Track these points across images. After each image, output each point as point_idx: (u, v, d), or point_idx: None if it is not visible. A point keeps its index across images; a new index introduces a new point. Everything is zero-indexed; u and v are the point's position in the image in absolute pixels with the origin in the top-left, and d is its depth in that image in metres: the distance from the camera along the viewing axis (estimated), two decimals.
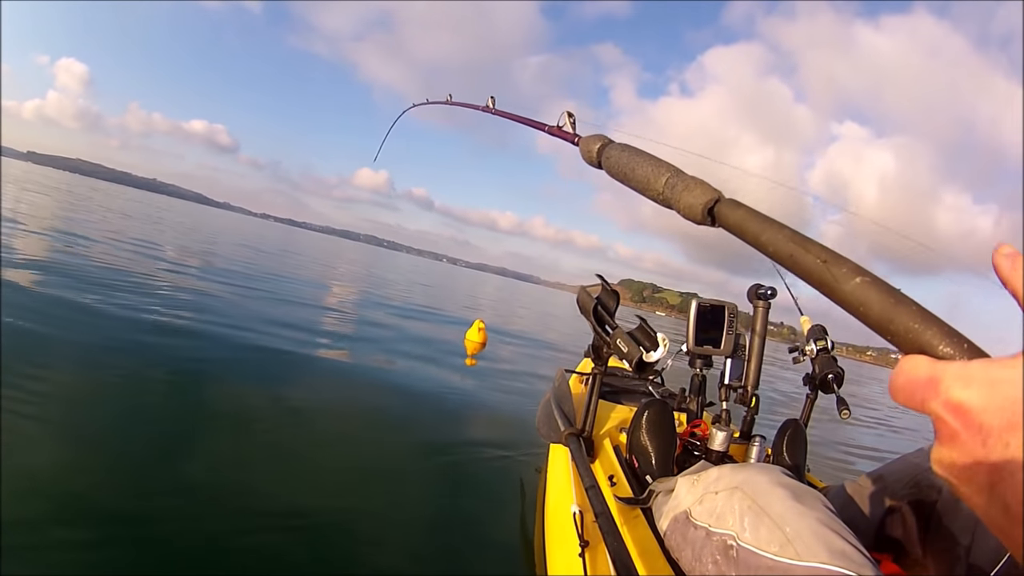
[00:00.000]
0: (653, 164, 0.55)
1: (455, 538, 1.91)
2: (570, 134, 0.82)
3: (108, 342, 3.05)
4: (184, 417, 2.38)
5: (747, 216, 0.42)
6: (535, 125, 1.01)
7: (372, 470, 2.28)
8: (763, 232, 0.39)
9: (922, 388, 0.27)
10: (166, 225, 15.32)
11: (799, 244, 0.36)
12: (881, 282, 0.32)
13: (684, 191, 0.49)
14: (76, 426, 2.05)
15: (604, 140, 0.66)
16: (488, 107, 1.34)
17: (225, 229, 22.17)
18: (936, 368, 0.27)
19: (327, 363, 3.96)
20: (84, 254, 5.76)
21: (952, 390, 0.26)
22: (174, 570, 1.44)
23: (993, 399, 0.24)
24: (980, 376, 0.25)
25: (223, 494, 1.84)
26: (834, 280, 0.33)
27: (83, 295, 3.88)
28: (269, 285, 7.32)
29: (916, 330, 0.29)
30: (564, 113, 0.85)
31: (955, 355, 0.28)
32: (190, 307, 4.47)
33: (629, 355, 1.22)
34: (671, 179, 0.52)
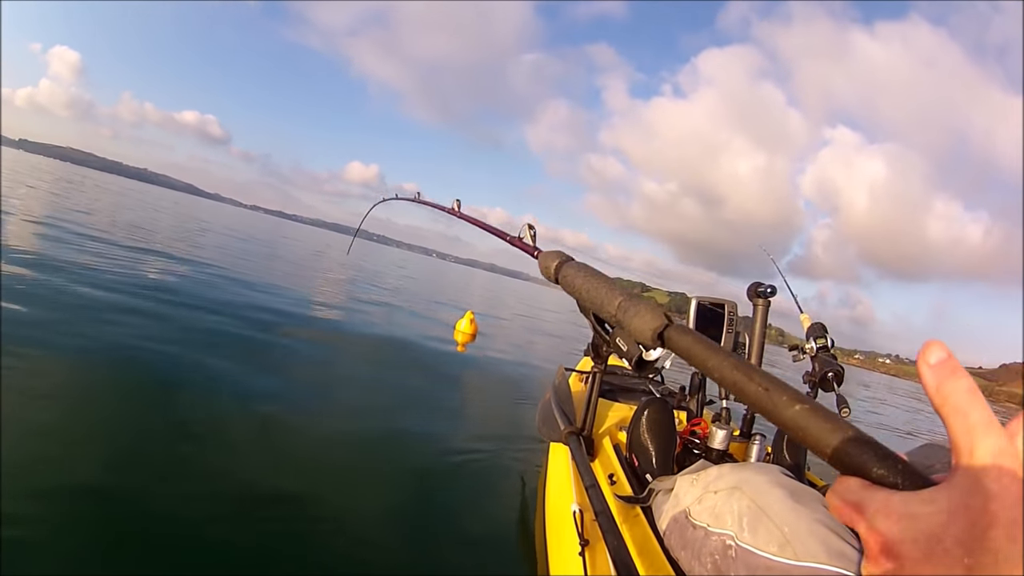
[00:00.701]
0: (607, 287, 0.59)
1: (455, 537, 1.92)
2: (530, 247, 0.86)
3: (89, 336, 3.05)
4: (168, 417, 2.34)
5: (693, 343, 0.44)
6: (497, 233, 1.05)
7: (368, 469, 2.28)
8: (709, 359, 0.42)
9: (850, 511, 0.30)
10: (163, 216, 15.33)
11: (743, 372, 0.38)
12: (819, 409, 0.34)
13: (635, 316, 0.52)
14: (46, 423, 2.04)
15: (562, 258, 0.70)
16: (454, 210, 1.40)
17: (219, 221, 22.18)
18: (864, 495, 0.29)
19: (318, 357, 3.93)
20: (75, 244, 5.75)
21: (875, 520, 0.28)
22: (165, 570, 1.44)
23: (909, 532, 0.26)
24: (900, 510, 0.27)
25: (220, 493, 1.84)
26: (775, 407, 0.35)
27: (63, 282, 3.88)
28: (255, 274, 7.31)
29: (851, 454, 0.31)
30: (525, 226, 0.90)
31: (887, 477, 0.29)
32: (175, 298, 4.43)
33: (629, 354, 1.22)
34: (623, 303, 0.55)
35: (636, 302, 0.54)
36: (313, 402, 2.99)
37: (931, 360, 0.29)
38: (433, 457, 2.51)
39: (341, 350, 4.28)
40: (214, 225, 18.25)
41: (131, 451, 1.97)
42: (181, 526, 1.60)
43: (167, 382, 2.69)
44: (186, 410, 2.42)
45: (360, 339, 4.94)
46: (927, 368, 0.29)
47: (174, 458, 1.98)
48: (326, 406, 2.98)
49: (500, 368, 5.12)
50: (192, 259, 7.19)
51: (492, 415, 3.48)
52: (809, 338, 1.77)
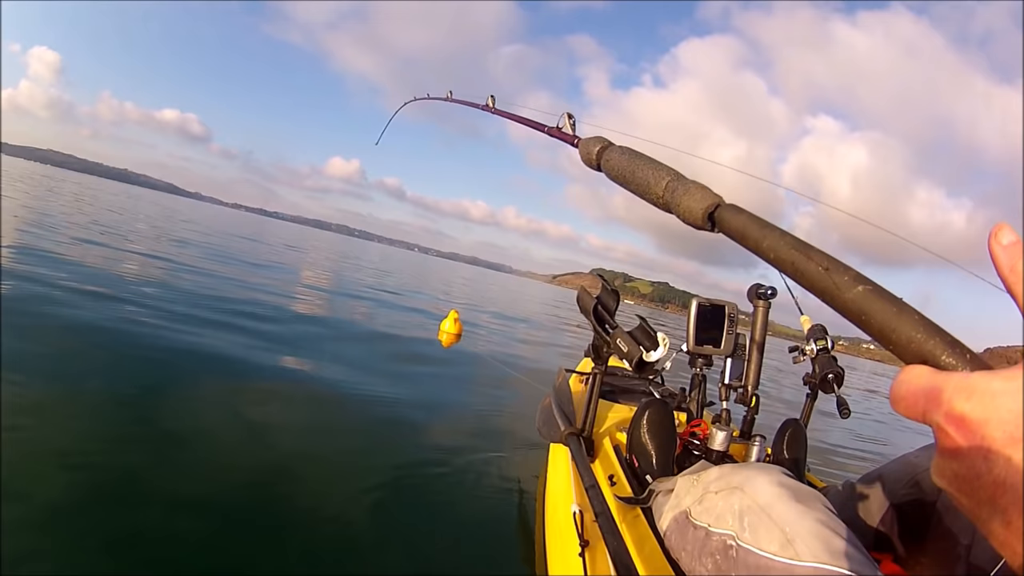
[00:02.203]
0: (653, 168, 0.55)
1: (455, 538, 1.91)
2: (569, 135, 0.81)
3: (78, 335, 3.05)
4: (149, 424, 2.29)
5: (748, 222, 0.41)
6: (534, 125, 1.01)
7: (365, 471, 2.26)
8: (764, 238, 0.39)
9: (924, 399, 0.27)
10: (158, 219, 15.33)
11: (801, 251, 0.36)
12: (883, 291, 0.32)
13: (684, 195, 0.48)
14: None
15: (604, 143, 0.66)
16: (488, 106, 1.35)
17: (201, 219, 22.17)
18: (938, 379, 0.27)
19: (302, 362, 3.86)
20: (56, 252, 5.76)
21: (954, 402, 0.25)
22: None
23: (996, 412, 0.24)
24: (982, 388, 0.25)
25: (213, 495, 1.84)
26: (836, 288, 0.33)
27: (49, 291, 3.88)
28: (238, 273, 7.27)
29: (918, 340, 0.29)
30: (564, 115, 0.84)
31: (957, 366, 0.27)
32: (152, 299, 4.43)
33: (629, 355, 1.22)
34: (671, 183, 0.51)
35: (685, 182, 0.50)
36: (304, 404, 2.97)
37: (1003, 240, 0.27)
38: (431, 458, 2.51)
39: (324, 352, 4.21)
40: (196, 226, 18.22)
41: (119, 450, 1.96)
42: (175, 527, 1.60)
43: (151, 382, 2.66)
44: (171, 413, 2.40)
45: (344, 341, 4.83)
46: (1000, 248, 0.27)
47: (162, 460, 1.97)
48: (316, 408, 2.95)
49: (488, 367, 5.08)
50: (171, 258, 7.19)
51: (489, 415, 3.47)
52: (809, 339, 1.77)
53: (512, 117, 1.20)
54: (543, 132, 0.93)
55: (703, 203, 0.46)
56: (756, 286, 1.74)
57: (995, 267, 0.27)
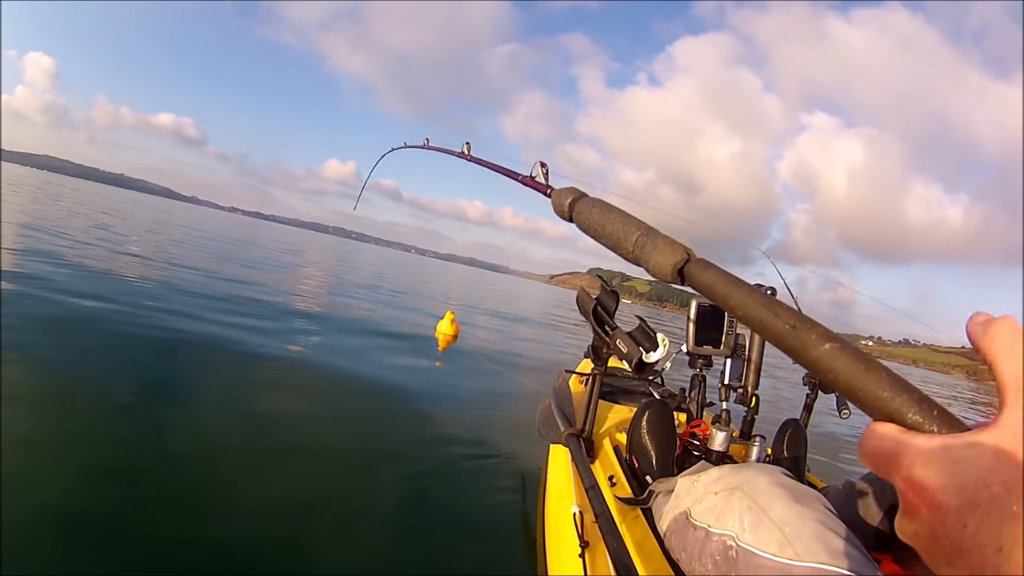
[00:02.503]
0: (624, 222, 0.56)
1: (455, 538, 1.91)
2: (543, 185, 0.83)
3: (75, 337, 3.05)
4: (146, 416, 2.32)
5: (716, 278, 0.42)
6: (509, 174, 1.02)
7: (365, 472, 2.27)
8: (731, 295, 0.40)
9: (886, 460, 0.28)
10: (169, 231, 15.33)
11: (768, 309, 0.36)
12: (851, 348, 0.32)
13: (654, 251, 0.49)
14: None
15: (576, 194, 0.67)
16: (464, 153, 1.38)
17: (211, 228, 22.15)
18: (900, 441, 0.27)
19: (301, 364, 3.87)
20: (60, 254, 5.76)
21: (913, 467, 0.26)
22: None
23: (953, 478, 0.24)
24: (942, 455, 0.25)
25: (216, 497, 1.84)
26: (803, 347, 0.33)
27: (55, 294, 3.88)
28: (235, 276, 7.25)
29: (885, 398, 0.29)
30: (537, 164, 0.86)
31: (924, 424, 0.28)
32: (151, 299, 4.44)
33: (629, 355, 1.22)
34: (641, 238, 0.52)
35: (654, 237, 0.51)
36: (301, 407, 2.96)
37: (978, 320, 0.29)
38: (431, 459, 2.51)
39: (321, 354, 4.22)
40: (202, 232, 18.21)
41: (117, 456, 1.95)
42: (179, 526, 1.60)
43: (153, 386, 2.67)
44: (175, 417, 2.41)
45: (340, 342, 4.84)
46: (974, 325, 0.29)
47: (166, 465, 1.97)
48: (314, 411, 2.94)
49: (486, 368, 5.08)
50: (169, 263, 7.19)
51: (488, 416, 3.47)
52: None
53: (487, 165, 1.22)
54: (517, 181, 0.94)
55: (672, 259, 0.47)
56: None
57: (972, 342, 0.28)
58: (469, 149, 1.35)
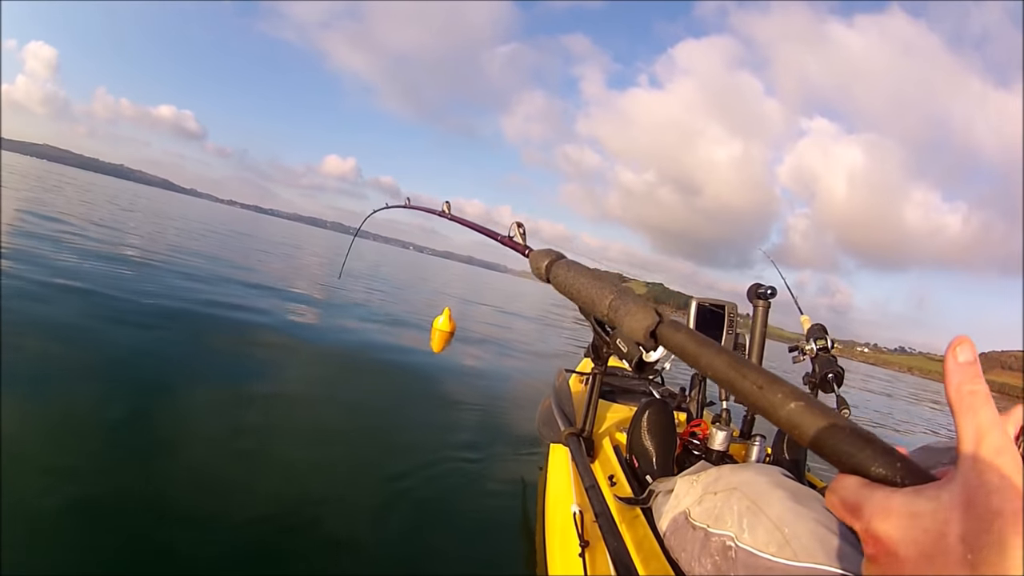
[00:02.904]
0: (598, 286, 0.58)
1: (455, 538, 1.92)
2: (521, 246, 0.85)
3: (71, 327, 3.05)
4: (142, 414, 2.29)
5: (686, 340, 0.44)
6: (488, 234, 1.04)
7: (364, 472, 2.27)
8: (701, 356, 0.41)
9: (848, 511, 0.29)
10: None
11: (736, 370, 0.38)
12: (816, 406, 0.33)
13: (627, 316, 0.52)
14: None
15: (553, 256, 0.70)
16: (444, 212, 1.41)
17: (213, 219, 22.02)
18: (862, 495, 0.29)
19: (294, 363, 3.80)
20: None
21: (872, 520, 0.28)
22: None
23: (909, 532, 0.26)
24: (899, 509, 0.27)
25: (213, 496, 1.84)
26: (771, 406, 0.35)
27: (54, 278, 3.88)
28: (232, 269, 7.21)
29: (848, 453, 0.30)
30: (513, 224, 0.88)
31: (887, 475, 0.29)
32: (150, 289, 4.41)
33: (629, 355, 1.22)
34: (614, 302, 0.55)
35: (626, 300, 0.54)
36: (299, 406, 2.94)
37: (959, 359, 0.29)
38: (430, 459, 2.51)
39: (317, 352, 4.16)
40: (205, 224, 18.16)
41: (110, 453, 1.94)
42: (170, 529, 1.59)
43: (147, 383, 2.64)
44: (169, 414, 2.38)
45: (336, 341, 4.71)
46: (955, 365, 0.29)
47: (160, 464, 1.95)
48: (311, 410, 2.91)
49: (484, 365, 5.06)
50: (166, 255, 7.19)
51: (486, 415, 3.47)
52: (809, 339, 1.77)
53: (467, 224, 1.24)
54: (497, 240, 0.96)
55: (644, 323, 0.49)
56: (756, 286, 1.74)
57: (944, 378, 0.29)
58: (449, 208, 1.39)
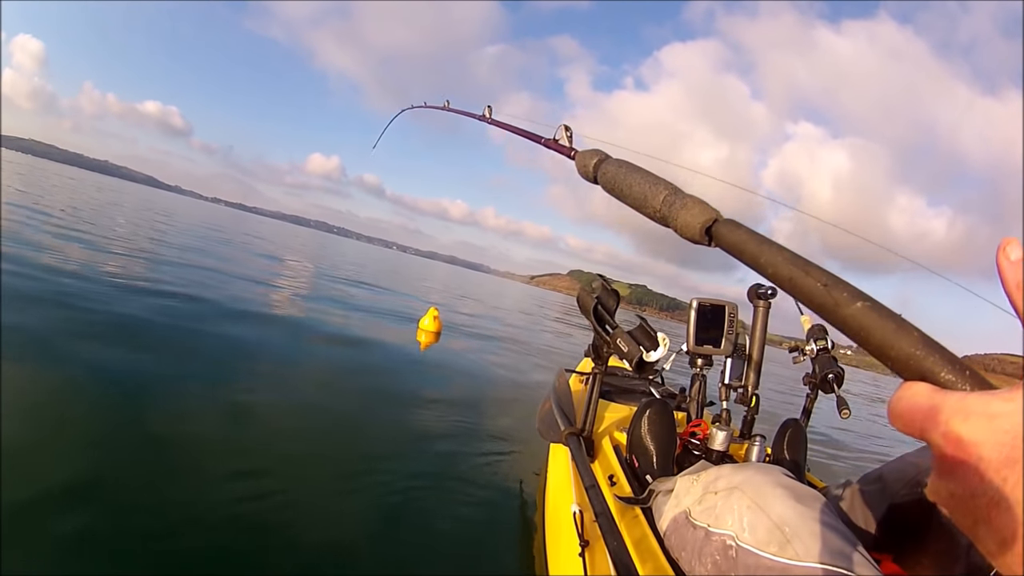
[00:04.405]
0: (651, 181, 0.55)
1: (455, 538, 1.92)
2: (567, 148, 0.81)
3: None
4: (127, 413, 2.26)
5: (746, 238, 0.42)
6: (532, 137, 1.00)
7: (363, 473, 2.26)
8: (762, 254, 0.39)
9: (922, 417, 0.27)
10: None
11: (799, 267, 0.36)
12: (882, 307, 0.32)
13: (682, 210, 0.48)
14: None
15: (601, 155, 0.66)
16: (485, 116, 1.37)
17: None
18: (936, 398, 0.27)
19: (289, 363, 3.77)
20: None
21: (952, 422, 0.26)
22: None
23: (992, 433, 0.24)
24: (979, 409, 0.25)
25: (203, 498, 1.84)
26: (835, 304, 0.33)
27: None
28: (215, 266, 7.13)
29: (917, 356, 0.29)
30: (561, 127, 0.84)
31: (957, 383, 0.27)
32: (138, 287, 4.40)
33: (629, 355, 1.22)
34: (668, 197, 0.51)
35: (683, 196, 0.50)
36: (293, 407, 2.90)
37: (1012, 256, 0.27)
38: (429, 459, 2.51)
39: (309, 353, 4.15)
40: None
41: (96, 454, 1.92)
42: (163, 529, 1.58)
43: (129, 384, 2.59)
44: (153, 416, 2.32)
45: (325, 341, 4.70)
46: (1008, 264, 0.27)
47: (146, 465, 1.93)
48: (303, 410, 2.87)
49: (472, 365, 5.02)
50: (145, 254, 7.16)
51: (481, 414, 3.47)
52: (809, 340, 1.77)
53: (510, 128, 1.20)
54: (540, 144, 0.92)
55: (700, 218, 0.46)
56: (756, 286, 1.74)
57: (1001, 281, 0.27)
58: (491, 112, 1.34)
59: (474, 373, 4.72)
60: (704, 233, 0.46)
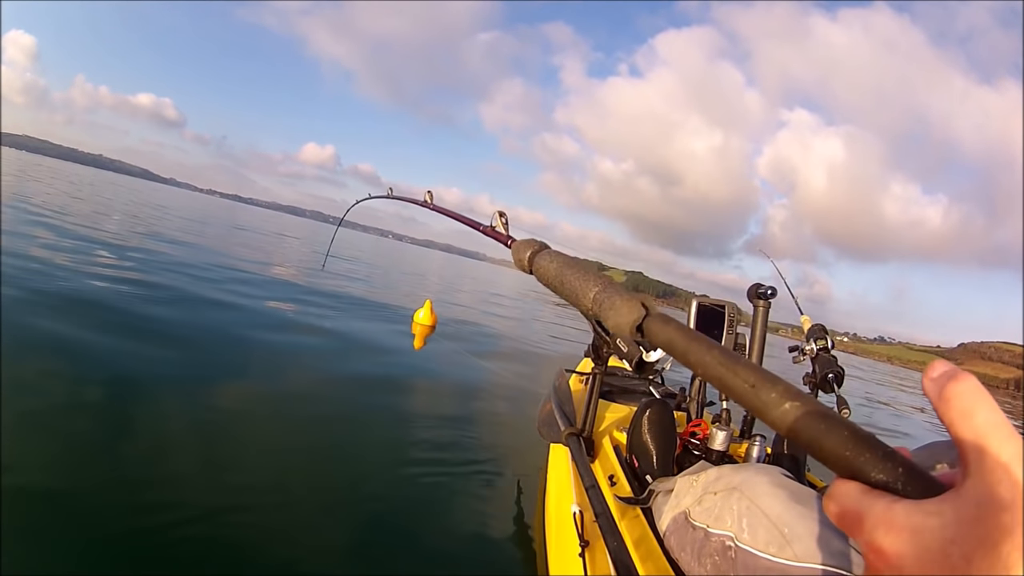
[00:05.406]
0: (581, 279, 0.55)
1: (455, 538, 1.92)
2: (503, 236, 0.83)
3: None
4: (120, 411, 2.27)
5: (675, 335, 0.41)
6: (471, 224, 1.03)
7: (362, 473, 2.26)
8: (690, 352, 0.39)
9: (849, 521, 0.28)
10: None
11: (727, 367, 0.36)
12: (812, 406, 0.31)
13: (611, 310, 0.49)
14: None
15: (535, 247, 0.67)
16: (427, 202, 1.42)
17: None
18: (864, 503, 0.27)
19: (286, 364, 3.71)
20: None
21: (875, 533, 0.26)
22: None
23: (914, 548, 0.25)
24: (903, 523, 0.25)
25: (198, 495, 1.84)
26: (763, 406, 0.33)
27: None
28: (206, 261, 7.06)
29: (847, 457, 0.29)
30: (496, 214, 0.86)
31: (889, 483, 0.27)
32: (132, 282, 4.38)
33: (629, 355, 1.22)
34: (598, 295, 0.52)
35: (611, 294, 0.50)
36: (293, 406, 2.89)
37: (933, 374, 0.28)
38: (429, 459, 2.51)
39: (302, 348, 4.09)
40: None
41: (82, 451, 1.91)
42: (150, 530, 1.57)
43: (114, 378, 2.58)
44: (139, 410, 2.33)
45: (321, 338, 4.58)
46: (929, 382, 0.28)
47: (133, 461, 1.93)
48: (299, 412, 2.83)
49: (470, 361, 4.96)
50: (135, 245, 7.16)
51: (480, 412, 3.46)
52: (809, 339, 1.77)
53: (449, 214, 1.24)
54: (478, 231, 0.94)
55: (629, 317, 0.46)
56: (756, 286, 1.74)
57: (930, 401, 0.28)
58: (431, 198, 1.39)
59: (471, 368, 4.69)
60: (635, 331, 0.46)
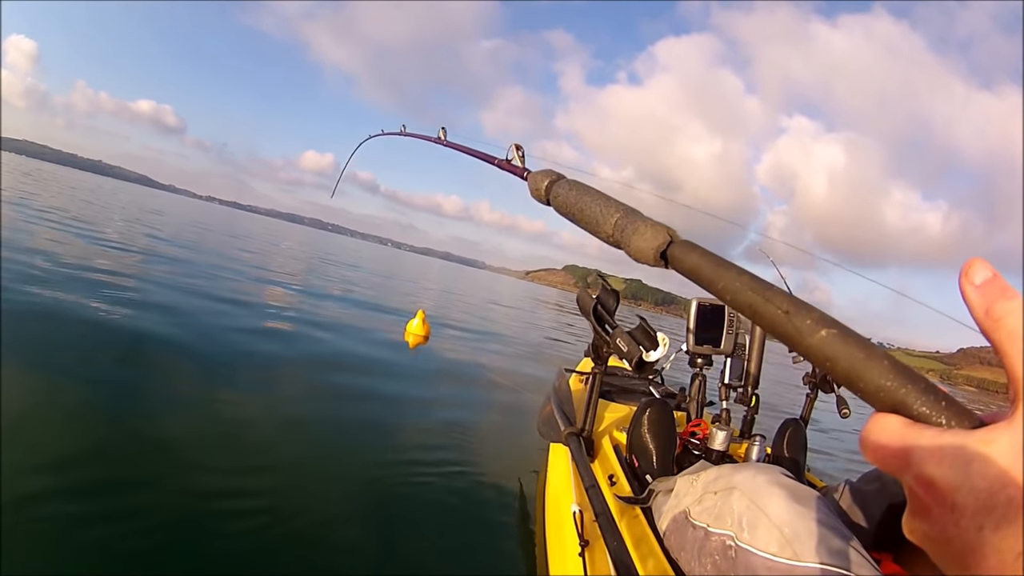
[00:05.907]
0: (602, 204, 0.53)
1: (455, 538, 1.92)
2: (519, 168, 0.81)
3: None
4: (121, 423, 2.20)
5: (701, 261, 0.39)
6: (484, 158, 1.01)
7: (362, 473, 2.25)
8: (719, 279, 0.36)
9: (893, 455, 0.26)
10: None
11: (759, 293, 0.33)
12: (850, 334, 0.29)
13: (634, 234, 0.46)
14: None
15: (553, 176, 0.65)
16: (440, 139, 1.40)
17: None
18: (908, 436, 0.25)
19: (283, 363, 3.71)
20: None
21: (924, 465, 0.24)
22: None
23: (967, 478, 0.23)
24: (954, 452, 0.23)
25: (200, 496, 1.84)
26: (798, 333, 0.31)
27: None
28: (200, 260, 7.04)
29: (888, 388, 0.27)
30: (512, 146, 0.83)
31: (932, 416, 0.26)
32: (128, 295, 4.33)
33: (629, 354, 1.22)
34: (620, 220, 0.49)
35: (635, 219, 0.48)
36: (289, 409, 2.87)
37: (976, 279, 0.25)
38: (429, 459, 2.50)
39: (296, 356, 4.01)
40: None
41: (89, 452, 1.91)
42: (154, 531, 1.57)
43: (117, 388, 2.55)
44: (142, 418, 2.29)
45: (314, 343, 4.52)
46: (972, 289, 0.25)
47: (136, 462, 1.92)
48: (295, 415, 2.81)
49: (463, 368, 4.95)
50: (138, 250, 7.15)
51: (479, 415, 3.47)
52: None
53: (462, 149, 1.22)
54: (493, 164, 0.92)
55: (653, 242, 0.44)
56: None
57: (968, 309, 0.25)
58: (445, 134, 1.35)
59: (468, 374, 4.68)
60: (659, 257, 0.44)
